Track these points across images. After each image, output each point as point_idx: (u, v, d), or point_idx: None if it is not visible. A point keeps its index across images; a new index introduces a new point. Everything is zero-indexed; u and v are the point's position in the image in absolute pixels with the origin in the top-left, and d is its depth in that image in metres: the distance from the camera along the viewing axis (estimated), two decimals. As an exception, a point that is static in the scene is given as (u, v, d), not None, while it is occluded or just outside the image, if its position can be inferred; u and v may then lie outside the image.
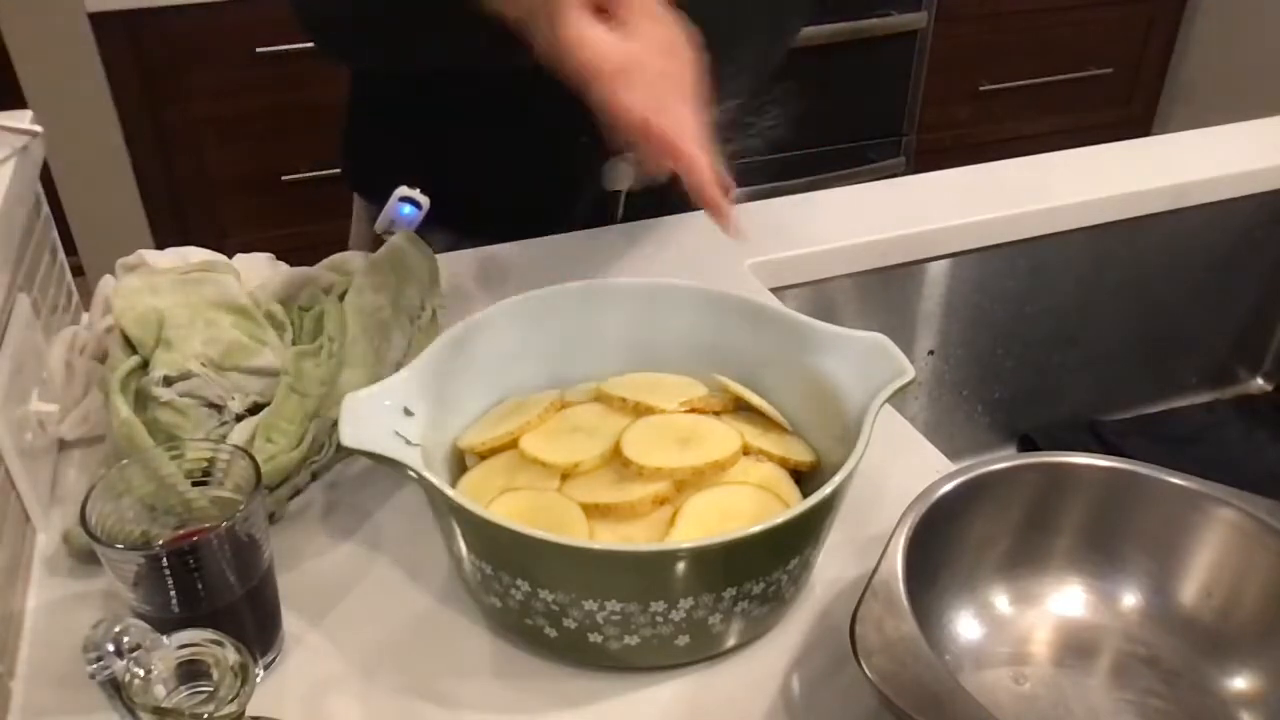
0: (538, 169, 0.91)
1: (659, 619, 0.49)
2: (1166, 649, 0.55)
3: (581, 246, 0.89)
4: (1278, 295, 1.10)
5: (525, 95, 0.87)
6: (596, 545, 0.50)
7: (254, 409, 0.62)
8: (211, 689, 0.38)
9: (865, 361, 0.57)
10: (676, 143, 0.56)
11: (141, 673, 0.38)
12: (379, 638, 0.55)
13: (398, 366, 0.66)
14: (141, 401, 0.60)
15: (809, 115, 2.32)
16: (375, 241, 0.79)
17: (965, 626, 0.56)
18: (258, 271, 0.72)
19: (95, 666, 0.38)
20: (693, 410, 0.60)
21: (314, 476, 0.62)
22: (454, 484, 0.56)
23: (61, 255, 0.76)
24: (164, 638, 0.39)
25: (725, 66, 0.64)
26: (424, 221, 0.77)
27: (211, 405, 0.61)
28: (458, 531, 0.51)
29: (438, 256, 0.79)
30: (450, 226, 0.89)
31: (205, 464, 0.52)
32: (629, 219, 0.93)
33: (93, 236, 1.84)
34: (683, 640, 0.50)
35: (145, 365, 0.62)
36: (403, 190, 0.77)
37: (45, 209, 0.73)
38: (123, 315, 0.63)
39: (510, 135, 0.89)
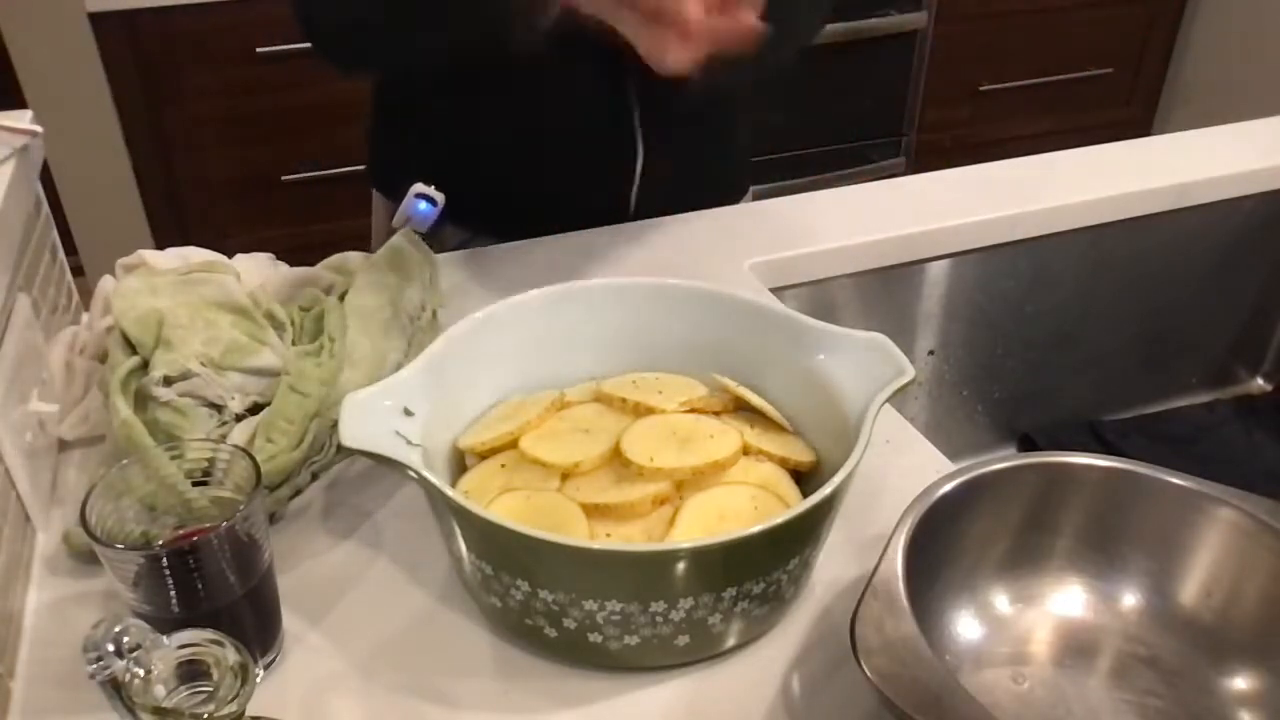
0: (550, 167, 0.92)
1: (659, 619, 0.49)
2: (1166, 649, 0.55)
3: (582, 246, 0.89)
4: (1278, 295, 1.10)
5: (539, 93, 0.88)
6: (596, 545, 0.50)
7: (254, 409, 0.62)
8: (211, 689, 0.38)
9: (865, 361, 0.57)
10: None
11: (141, 673, 0.38)
12: (379, 638, 0.55)
13: (398, 366, 0.65)
14: (141, 401, 0.60)
15: (809, 115, 2.32)
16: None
17: (965, 626, 0.56)
18: (258, 271, 0.72)
19: (95, 666, 0.38)
20: (693, 410, 0.60)
21: (314, 476, 0.62)
22: (454, 484, 0.56)
23: (61, 255, 0.76)
24: (164, 638, 0.39)
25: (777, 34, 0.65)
26: (439, 218, 0.78)
27: (211, 405, 0.61)
28: (458, 531, 0.51)
29: (438, 257, 0.79)
30: (465, 223, 0.90)
31: (205, 464, 0.52)
32: (641, 216, 0.94)
33: (93, 236, 1.84)
34: (683, 640, 0.50)
35: (145, 365, 0.62)
36: (419, 187, 0.78)
37: (45, 209, 0.74)
38: (123, 315, 0.63)
39: (524, 134, 0.90)
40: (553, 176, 0.92)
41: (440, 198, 0.78)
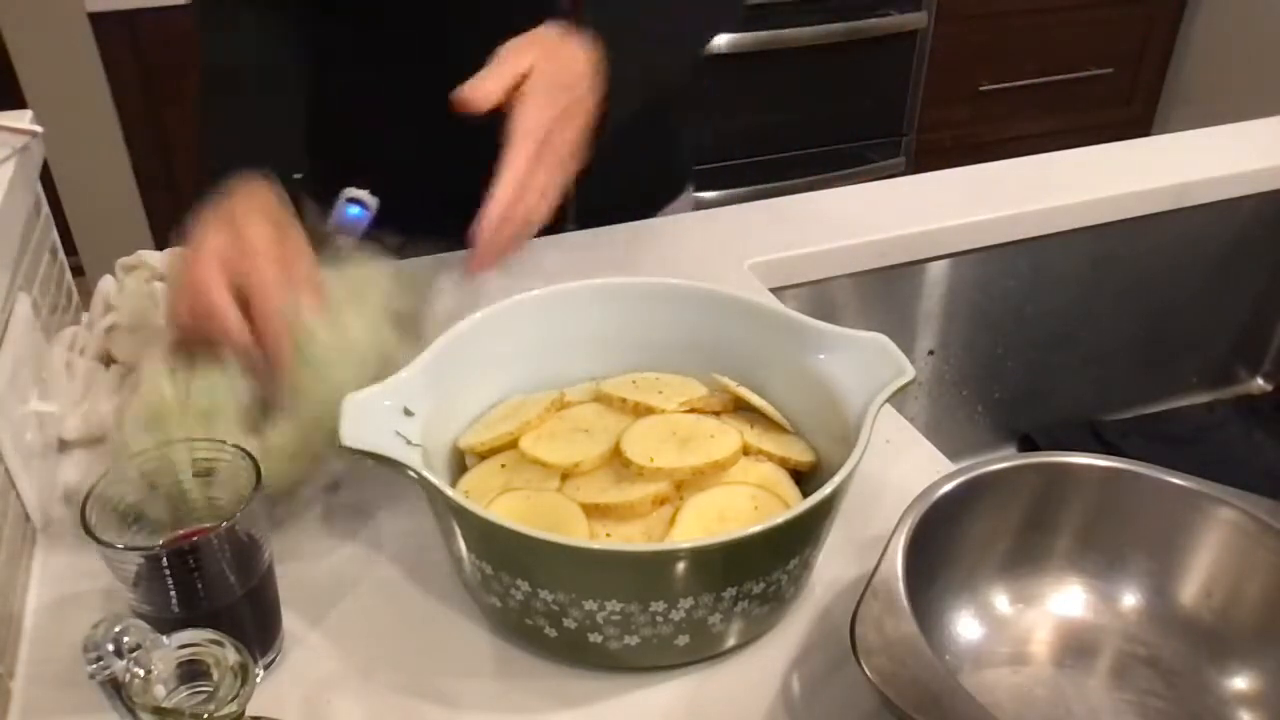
0: (471, 168, 0.90)
1: (659, 619, 0.49)
2: (1166, 649, 0.55)
3: (582, 246, 0.89)
4: (1278, 295, 1.10)
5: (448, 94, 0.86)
6: (596, 545, 0.50)
7: (254, 409, 0.62)
8: (211, 689, 0.38)
9: (865, 361, 0.57)
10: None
11: (141, 673, 0.38)
12: (379, 638, 0.55)
13: (398, 366, 0.65)
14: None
15: (809, 115, 2.32)
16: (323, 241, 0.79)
17: (965, 626, 0.56)
18: (258, 271, 0.72)
19: (95, 666, 0.38)
20: (693, 410, 0.60)
21: (315, 478, 0.62)
22: (454, 484, 0.56)
23: (61, 255, 0.76)
24: (164, 638, 0.39)
25: (617, 71, 0.64)
26: (373, 222, 0.77)
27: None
28: (458, 531, 0.51)
29: (439, 257, 0.79)
30: (399, 227, 0.87)
31: (205, 464, 0.52)
32: (580, 214, 0.92)
33: (93, 236, 1.84)
34: (683, 640, 0.50)
35: None
36: (350, 191, 0.77)
37: (45, 209, 0.74)
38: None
39: (441, 135, 0.88)
40: (474, 177, 0.91)
41: (373, 201, 0.77)
